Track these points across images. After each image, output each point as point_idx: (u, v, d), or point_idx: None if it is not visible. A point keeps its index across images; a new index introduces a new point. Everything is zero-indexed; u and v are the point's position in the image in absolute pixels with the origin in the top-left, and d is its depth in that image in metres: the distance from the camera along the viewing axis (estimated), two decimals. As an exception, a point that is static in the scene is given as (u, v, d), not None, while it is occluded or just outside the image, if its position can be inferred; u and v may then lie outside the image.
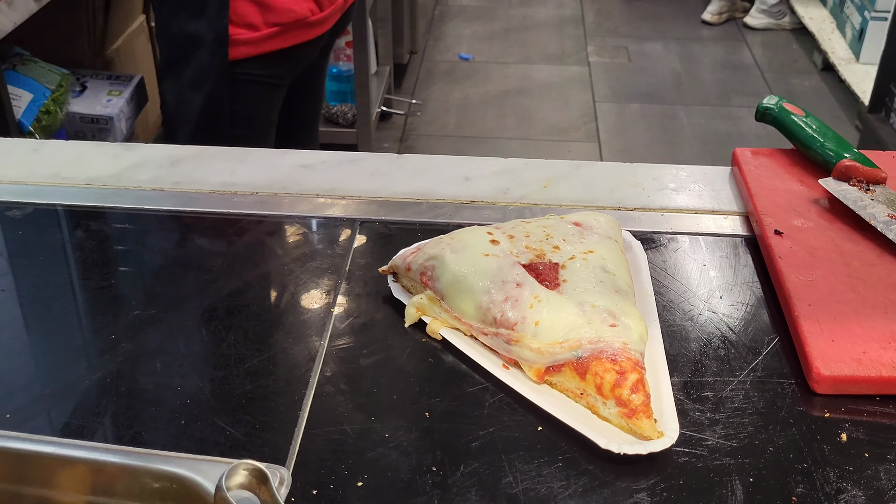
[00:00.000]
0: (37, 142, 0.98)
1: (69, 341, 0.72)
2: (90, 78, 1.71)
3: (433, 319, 0.71)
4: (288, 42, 1.54)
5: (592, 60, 3.87)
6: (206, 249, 0.84)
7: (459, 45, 4.01)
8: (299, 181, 0.91)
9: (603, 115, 3.44)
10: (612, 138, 3.27)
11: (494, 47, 3.99)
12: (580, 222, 0.75)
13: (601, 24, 4.23)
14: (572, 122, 3.40)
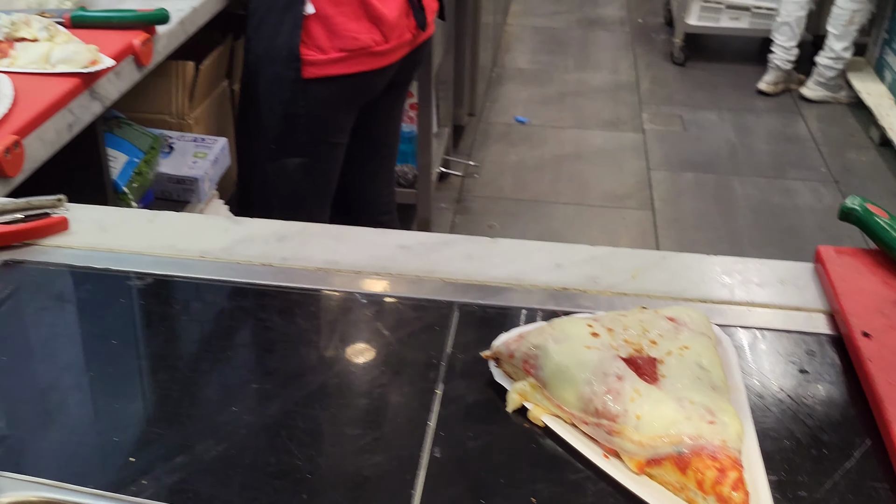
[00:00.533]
0: (152, 213, 1.04)
1: (193, 411, 0.77)
2: (177, 140, 1.79)
3: (535, 406, 0.75)
4: (353, 68, 1.77)
5: (647, 128, 3.93)
6: (315, 326, 0.89)
7: (516, 107, 4.09)
8: (399, 261, 0.96)
9: (657, 182, 3.48)
10: (666, 207, 3.31)
11: (550, 111, 4.06)
12: (674, 317, 0.79)
13: (656, 92, 4.29)
14: (627, 189, 3.44)
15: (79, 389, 0.79)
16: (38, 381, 0.80)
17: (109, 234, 1.00)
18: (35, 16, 1.42)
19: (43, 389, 0.79)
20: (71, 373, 0.81)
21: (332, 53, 1.74)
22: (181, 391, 0.79)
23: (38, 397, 0.78)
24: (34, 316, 0.89)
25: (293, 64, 1.73)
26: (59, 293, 0.92)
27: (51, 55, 1.34)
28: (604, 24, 5.21)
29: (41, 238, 0.98)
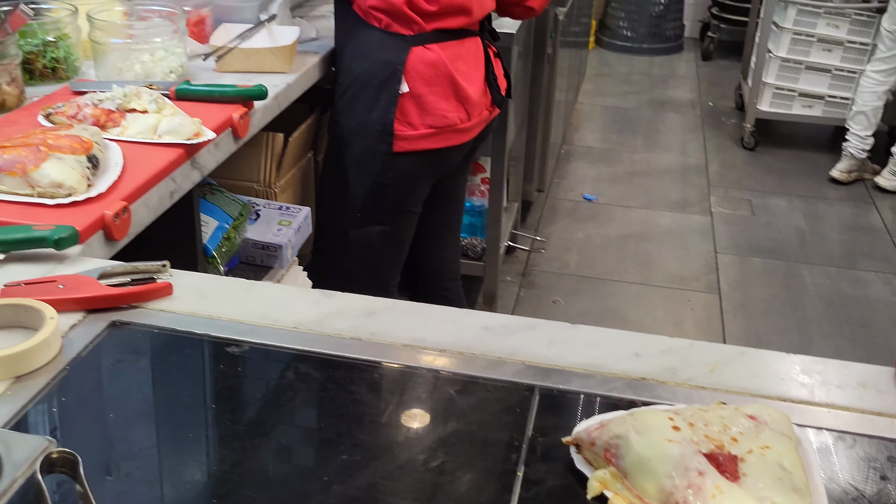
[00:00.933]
0: (249, 283, 1.10)
1: (285, 478, 0.81)
2: (264, 207, 1.87)
3: (615, 495, 0.77)
4: (439, 143, 1.90)
5: (715, 211, 3.93)
6: (401, 401, 0.92)
7: (584, 185, 4.13)
8: (482, 342, 0.99)
9: (724, 266, 3.47)
10: (733, 291, 3.29)
11: (618, 190, 4.10)
12: (755, 415, 0.81)
13: (725, 175, 4.30)
14: (693, 272, 3.43)
15: (177, 451, 0.84)
16: (138, 440, 0.85)
17: (209, 300, 1.05)
18: (145, 88, 1.51)
19: (144, 448, 0.84)
20: (170, 434, 0.86)
21: (421, 129, 1.85)
22: (274, 457, 0.83)
23: (139, 455, 0.83)
24: (138, 376, 0.94)
25: (386, 138, 1.84)
26: (162, 355, 0.97)
27: (158, 126, 1.43)
28: (674, 105, 5.26)
29: (146, 301, 1.04)
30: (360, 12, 1.84)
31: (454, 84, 1.84)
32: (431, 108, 1.83)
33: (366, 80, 1.83)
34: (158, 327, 1.00)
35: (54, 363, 0.93)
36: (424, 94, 1.81)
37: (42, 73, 1.68)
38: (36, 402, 0.88)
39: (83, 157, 1.26)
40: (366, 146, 1.86)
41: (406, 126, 1.84)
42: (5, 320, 0.98)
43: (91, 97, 1.48)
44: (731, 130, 4.86)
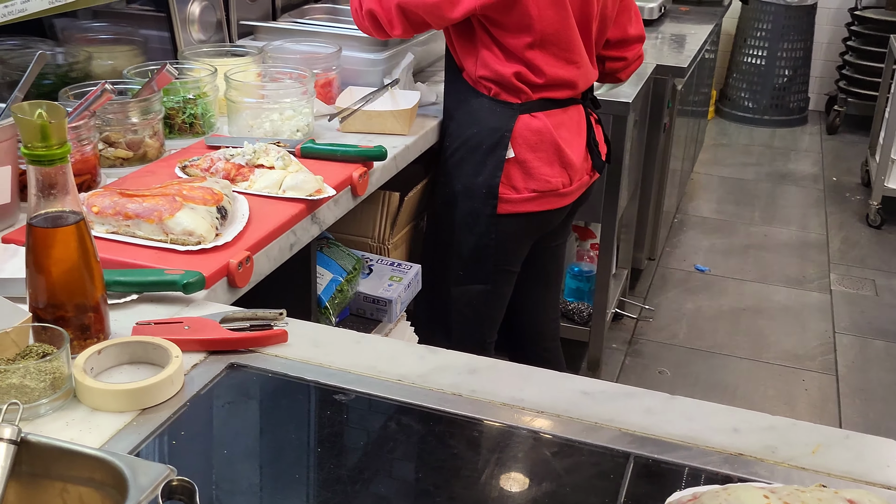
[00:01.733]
0: (359, 335, 1.15)
1: (382, 524, 0.84)
2: (376, 263, 1.94)
3: None
4: (541, 206, 1.95)
5: (835, 289, 3.80)
6: (497, 458, 0.95)
7: (696, 255, 4.08)
8: (580, 406, 1.01)
9: (843, 348, 3.35)
10: (852, 374, 3.17)
11: (732, 262, 4.02)
12: (855, 501, 0.80)
13: (847, 253, 4.17)
14: (808, 351, 3.33)
15: (281, 490, 0.88)
16: (247, 476, 0.90)
17: (321, 349, 1.11)
18: (273, 146, 1.61)
19: (252, 484, 0.89)
20: (276, 474, 0.90)
21: (524, 193, 1.92)
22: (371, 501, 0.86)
23: (247, 491, 0.88)
24: (251, 416, 1.00)
25: (490, 201, 1.91)
26: (274, 398, 1.03)
27: (283, 182, 1.51)
28: (795, 179, 5.14)
29: (263, 346, 1.11)
30: (471, 81, 1.92)
31: (558, 150, 1.90)
32: (535, 172, 1.89)
33: (474, 144, 1.90)
34: (272, 371, 1.06)
35: (176, 398, 0.99)
36: (529, 159, 1.88)
37: (181, 127, 1.81)
38: (158, 433, 0.94)
39: (213, 208, 1.35)
40: (471, 208, 1.93)
41: (510, 189, 1.90)
42: (135, 356, 1.06)
43: (223, 152, 1.58)
44: (856, 207, 4.71)
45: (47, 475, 0.73)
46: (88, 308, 1.06)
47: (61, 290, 1.04)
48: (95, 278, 1.06)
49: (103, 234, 1.32)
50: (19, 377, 0.93)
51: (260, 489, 0.88)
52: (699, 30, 3.72)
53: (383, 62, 2.17)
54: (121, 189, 1.38)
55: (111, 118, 1.63)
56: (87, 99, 1.51)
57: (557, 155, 1.92)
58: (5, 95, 1.65)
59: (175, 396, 1.00)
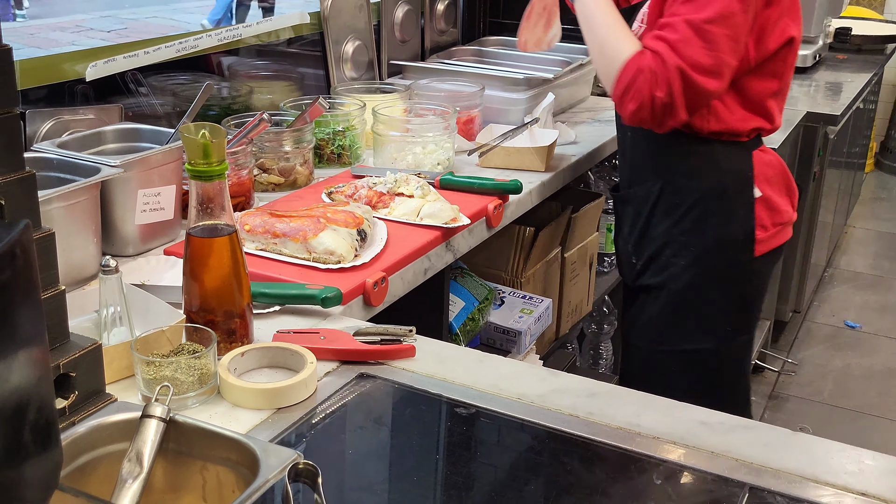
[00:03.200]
0: (482, 354, 1.20)
1: (492, 530, 0.87)
2: (508, 295, 1.98)
3: None
4: (782, 239, 1.82)
5: None
6: (609, 479, 0.96)
7: (847, 311, 3.90)
8: (697, 436, 1.01)
9: None
10: None
11: (887, 320, 3.83)
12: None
13: None
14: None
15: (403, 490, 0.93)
16: (371, 475, 0.95)
17: (446, 366, 1.16)
18: (413, 176, 1.69)
19: (376, 482, 0.94)
20: (399, 475, 0.95)
21: (771, 230, 1.78)
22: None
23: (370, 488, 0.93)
24: (377, 422, 1.05)
25: (749, 246, 1.76)
26: (399, 407, 1.08)
27: (421, 210, 1.59)
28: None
29: (392, 359, 1.17)
30: (689, 131, 1.72)
31: (787, 179, 1.81)
32: (776, 206, 1.77)
33: (717, 193, 1.74)
34: (399, 383, 1.11)
35: (310, 401, 1.06)
36: (771, 194, 1.75)
37: (329, 157, 1.92)
38: (291, 430, 1.01)
39: (354, 231, 1.43)
40: (729, 259, 1.77)
41: (761, 229, 1.76)
42: (274, 360, 1.14)
43: (367, 180, 1.67)
44: None
45: (190, 453, 0.81)
46: (235, 314, 1.15)
47: (212, 296, 1.14)
48: (243, 287, 1.15)
49: (253, 251, 1.43)
50: (172, 370, 1.03)
51: (384, 487, 0.93)
52: (856, 78, 3.61)
53: (525, 101, 2.23)
54: (271, 210, 1.49)
55: (266, 146, 1.76)
56: (246, 127, 1.64)
57: (786, 184, 1.80)
58: (175, 123, 1.81)
59: (308, 399, 1.07)
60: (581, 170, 2.16)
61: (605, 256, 2.80)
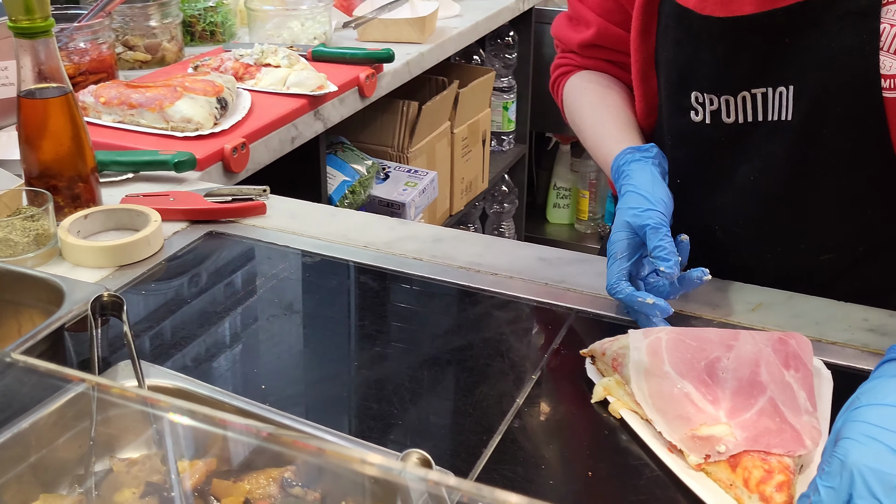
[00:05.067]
0: (335, 209, 1.20)
1: (323, 360, 0.90)
2: (393, 169, 1.98)
3: (616, 400, 0.80)
4: None
5: None
6: (445, 312, 0.99)
7: None
8: (534, 270, 1.04)
9: None
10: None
11: None
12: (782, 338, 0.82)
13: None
14: None
15: (235, 328, 0.95)
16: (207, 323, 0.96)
17: (297, 221, 1.16)
18: (282, 47, 1.66)
19: (208, 325, 0.95)
20: (243, 322, 0.97)
21: None
22: (318, 344, 0.92)
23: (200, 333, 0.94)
24: (226, 275, 1.06)
25: None
26: (245, 260, 1.09)
27: (287, 79, 1.57)
28: None
29: (243, 217, 1.17)
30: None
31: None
32: None
33: None
34: (247, 238, 1.12)
35: (154, 258, 1.06)
36: None
37: (201, 35, 1.88)
38: (132, 286, 1.01)
39: (213, 99, 1.41)
40: None
41: None
42: (120, 223, 1.13)
43: (234, 52, 1.64)
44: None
45: (1, 298, 0.81)
46: (79, 179, 1.13)
47: (52, 160, 1.12)
48: (85, 150, 1.13)
49: (110, 123, 1.40)
50: (6, 232, 1.01)
51: (225, 334, 0.95)
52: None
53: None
54: (127, 82, 1.45)
55: (131, 23, 1.70)
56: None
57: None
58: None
59: (153, 256, 1.07)
60: (464, 42, 2.15)
61: (502, 135, 2.81)
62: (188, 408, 0.59)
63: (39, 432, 0.65)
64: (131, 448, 0.71)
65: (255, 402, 0.73)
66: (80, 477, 0.68)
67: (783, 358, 0.80)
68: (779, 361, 0.79)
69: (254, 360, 0.91)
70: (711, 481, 0.72)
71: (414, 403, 0.82)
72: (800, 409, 0.75)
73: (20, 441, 0.64)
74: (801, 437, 0.72)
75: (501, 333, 0.94)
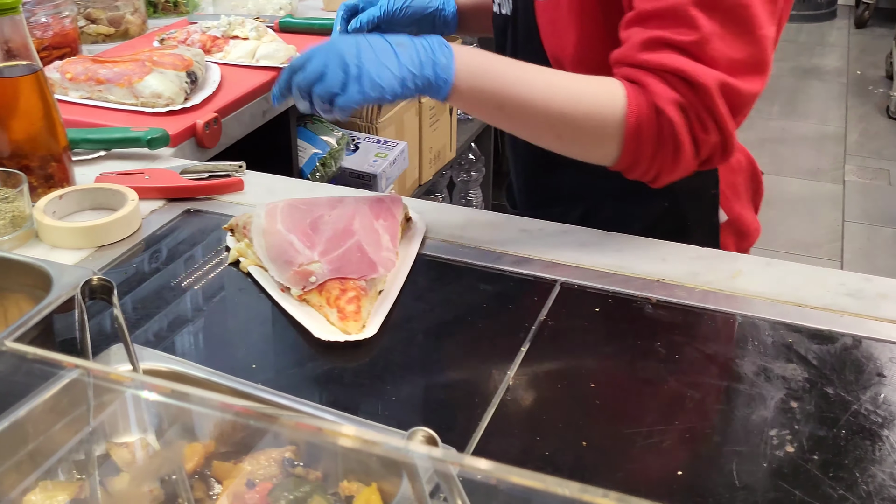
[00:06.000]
0: (312, 184, 1.20)
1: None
2: (363, 140, 1.97)
3: (245, 259, 0.99)
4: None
5: (848, 179, 3.77)
6: (430, 286, 0.99)
7: (711, 149, 4.04)
8: (518, 242, 1.05)
9: (850, 235, 3.34)
10: (857, 260, 3.17)
11: (746, 156, 3.99)
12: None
13: (864, 145, 4.11)
14: (816, 240, 3.33)
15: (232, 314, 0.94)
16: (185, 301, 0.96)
17: (275, 195, 1.15)
18: (249, 19, 1.63)
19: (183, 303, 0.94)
20: (228, 301, 0.96)
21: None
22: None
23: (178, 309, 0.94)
24: (202, 250, 1.05)
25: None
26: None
27: (256, 52, 1.54)
28: (819, 73, 5.04)
29: (220, 194, 1.16)
30: None
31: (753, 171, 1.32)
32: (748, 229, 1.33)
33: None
34: (226, 215, 1.11)
35: (132, 238, 1.05)
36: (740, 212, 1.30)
37: (164, 7, 1.84)
38: (112, 266, 1.00)
39: (183, 73, 1.39)
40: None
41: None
42: (96, 202, 1.11)
43: (200, 25, 1.61)
44: (878, 99, 4.62)
45: (-13, 285, 0.79)
46: (51, 158, 1.11)
47: (23, 140, 1.09)
48: (56, 128, 1.11)
49: (76, 100, 1.37)
50: (-20, 215, 0.99)
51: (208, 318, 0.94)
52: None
53: (370, -58, 2.15)
54: (94, 57, 1.42)
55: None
56: (62, -28, 1.54)
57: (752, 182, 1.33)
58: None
59: (131, 236, 1.06)
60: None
61: (468, 104, 2.79)
62: (185, 391, 0.59)
63: (36, 420, 0.65)
64: (126, 432, 0.70)
65: (250, 382, 0.73)
66: (79, 463, 0.68)
67: (376, 212, 0.99)
68: (371, 214, 0.98)
69: (242, 338, 0.90)
70: (309, 307, 0.91)
71: (404, 378, 0.83)
72: (381, 247, 0.95)
73: (18, 429, 0.63)
74: (375, 266, 0.92)
75: (488, 307, 0.94)
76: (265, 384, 0.77)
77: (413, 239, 1.04)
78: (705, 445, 0.75)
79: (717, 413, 0.79)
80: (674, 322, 0.91)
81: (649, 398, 0.81)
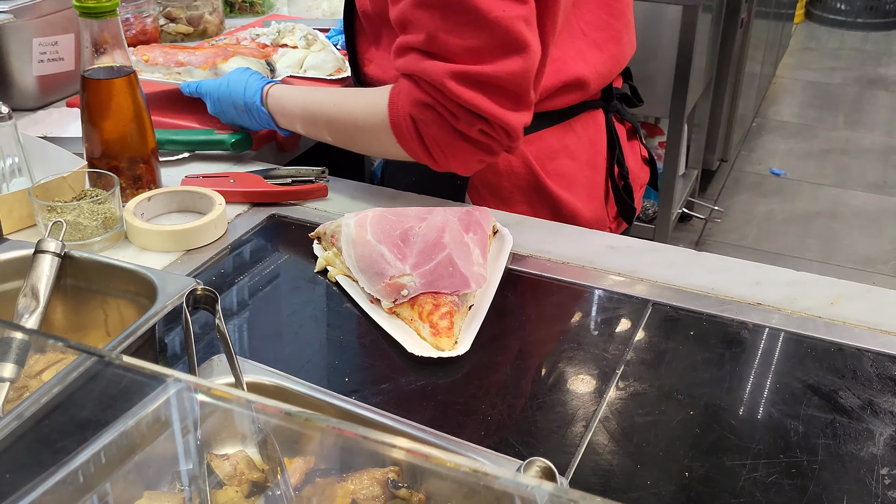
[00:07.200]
0: (396, 192, 1.19)
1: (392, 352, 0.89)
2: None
3: (333, 269, 0.99)
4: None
5: (916, 194, 3.68)
6: (525, 302, 0.98)
7: (773, 159, 3.98)
8: (605, 257, 1.03)
9: (918, 252, 3.26)
10: (925, 277, 3.09)
11: (809, 167, 3.91)
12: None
13: (934, 157, 4.01)
14: (881, 255, 3.25)
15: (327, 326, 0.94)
16: (273, 307, 0.96)
17: (359, 204, 1.15)
18: (301, 24, 1.62)
19: (278, 309, 0.94)
20: (323, 313, 0.96)
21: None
22: (395, 336, 0.91)
23: (270, 313, 0.94)
24: (289, 257, 1.05)
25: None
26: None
27: (304, 61, 1.53)
28: (885, 84, 4.92)
29: (304, 200, 1.16)
30: None
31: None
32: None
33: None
34: (311, 222, 1.11)
35: (219, 242, 1.05)
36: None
37: (241, 6, 1.85)
38: (200, 271, 1.00)
39: (263, 61, 1.38)
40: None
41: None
42: (183, 204, 1.12)
43: (250, 32, 1.61)
44: (948, 112, 4.50)
45: (89, 288, 0.80)
46: (140, 160, 1.12)
47: (114, 141, 1.10)
48: (146, 131, 1.12)
49: (152, 78, 1.36)
50: (74, 215, 1.00)
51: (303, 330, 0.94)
52: (784, -80, 3.55)
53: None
54: (171, 45, 1.42)
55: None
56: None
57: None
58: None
59: (219, 240, 1.06)
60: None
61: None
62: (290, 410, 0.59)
63: (142, 431, 0.65)
64: (226, 444, 0.70)
65: (353, 400, 0.72)
66: (179, 474, 0.68)
67: (465, 225, 0.98)
68: (461, 227, 0.97)
69: (334, 350, 0.90)
70: (400, 321, 0.91)
71: (497, 397, 0.82)
72: (472, 261, 0.94)
73: (125, 439, 0.64)
74: (468, 281, 0.91)
75: (582, 326, 0.93)
76: (360, 399, 0.76)
77: (501, 253, 1.02)
78: (814, 482, 0.73)
79: (823, 448, 0.76)
80: (771, 348, 0.89)
81: (751, 428, 0.79)
